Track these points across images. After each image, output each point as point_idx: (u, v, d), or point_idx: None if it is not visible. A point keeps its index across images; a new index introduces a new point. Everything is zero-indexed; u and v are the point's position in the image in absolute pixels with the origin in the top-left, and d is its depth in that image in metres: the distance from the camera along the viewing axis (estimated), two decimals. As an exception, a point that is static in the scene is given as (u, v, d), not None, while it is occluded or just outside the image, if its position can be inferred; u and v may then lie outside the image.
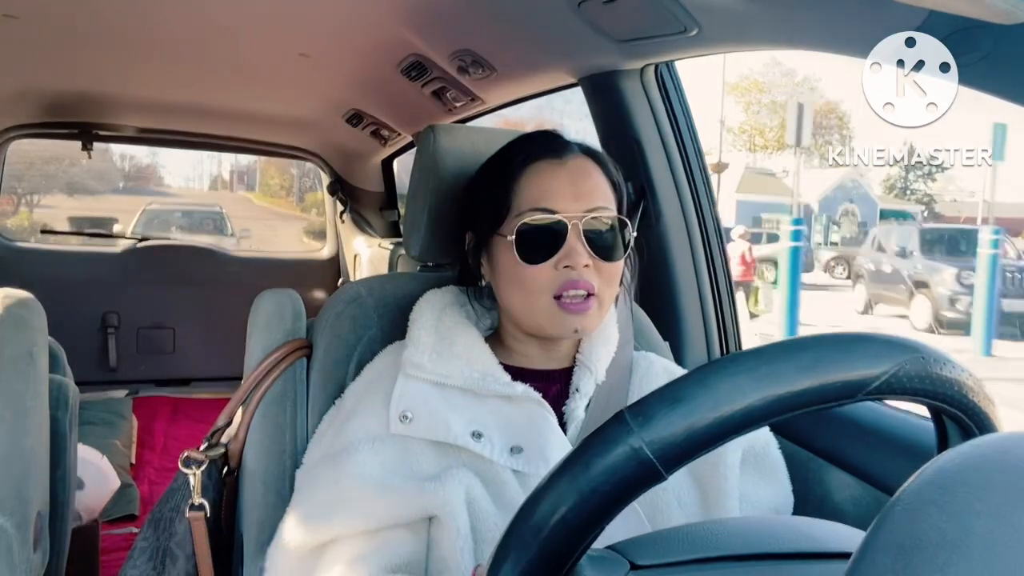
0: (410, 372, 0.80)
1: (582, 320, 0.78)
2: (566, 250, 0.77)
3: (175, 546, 0.89)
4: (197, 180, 10.89)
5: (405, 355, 0.81)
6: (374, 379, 0.84)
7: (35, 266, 2.73)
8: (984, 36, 0.68)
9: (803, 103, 8.68)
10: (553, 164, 0.81)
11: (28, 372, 0.93)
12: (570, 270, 0.77)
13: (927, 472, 0.33)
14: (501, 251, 0.80)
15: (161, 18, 1.56)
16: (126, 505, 2.11)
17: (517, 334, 0.84)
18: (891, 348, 0.43)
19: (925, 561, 0.29)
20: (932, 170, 8.44)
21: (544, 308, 0.78)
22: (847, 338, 0.43)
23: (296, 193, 11.42)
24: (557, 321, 0.78)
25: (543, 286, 0.77)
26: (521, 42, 1.36)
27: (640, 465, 0.39)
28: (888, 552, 0.30)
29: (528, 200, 0.79)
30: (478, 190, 0.86)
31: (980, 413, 0.46)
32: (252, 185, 12.28)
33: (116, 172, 9.17)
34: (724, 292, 1.28)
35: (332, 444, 0.80)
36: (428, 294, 0.89)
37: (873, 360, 0.42)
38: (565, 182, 0.79)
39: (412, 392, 0.79)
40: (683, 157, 1.27)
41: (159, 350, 2.92)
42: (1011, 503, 0.29)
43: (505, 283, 0.81)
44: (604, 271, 0.79)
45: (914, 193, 8.08)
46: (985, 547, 0.28)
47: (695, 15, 0.98)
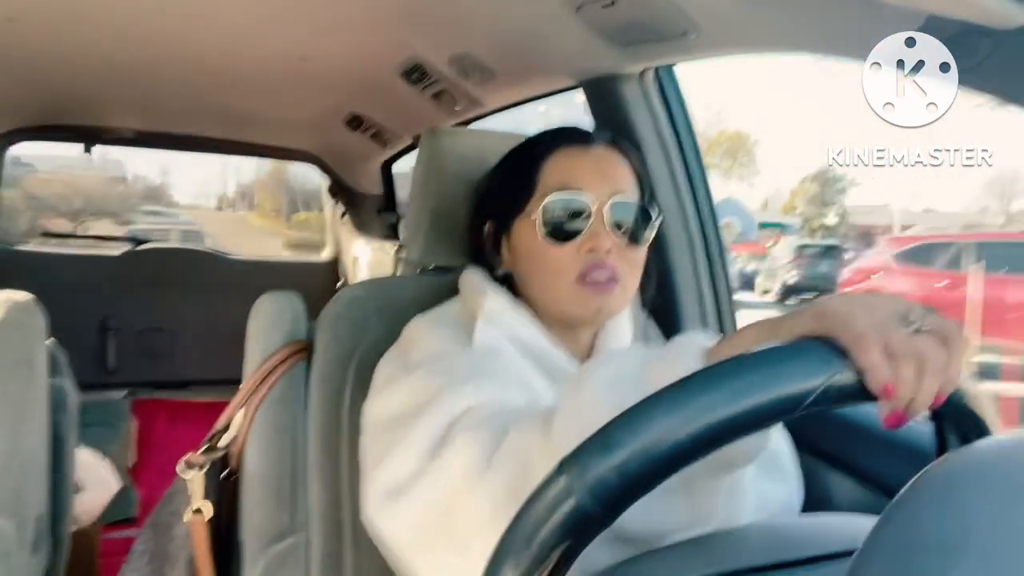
0: (489, 315, 0.78)
1: (605, 300, 0.77)
2: (590, 232, 0.77)
3: (175, 549, 0.89)
4: (204, 199, 11.25)
5: (486, 300, 0.79)
6: (440, 317, 0.82)
7: (35, 269, 2.72)
8: (983, 40, 0.68)
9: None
10: (579, 149, 0.81)
11: (28, 375, 0.93)
12: (594, 253, 0.76)
13: (927, 474, 0.33)
14: (524, 233, 0.80)
15: (163, 22, 1.56)
16: (125, 508, 2.11)
17: (539, 320, 0.83)
18: None
19: (925, 562, 0.29)
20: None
21: (567, 289, 0.77)
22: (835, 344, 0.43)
23: (284, 214, 11.93)
24: (580, 301, 0.77)
25: (566, 267, 0.77)
26: (521, 45, 1.36)
27: (579, 514, 0.38)
28: (888, 554, 0.30)
29: (554, 182, 0.79)
30: (500, 176, 0.86)
31: (978, 417, 0.46)
32: (252, 205, 12.66)
33: (131, 193, 9.33)
34: (723, 294, 1.29)
35: (434, 378, 0.71)
36: (471, 270, 0.87)
37: None
38: (591, 166, 0.80)
39: (493, 336, 0.77)
40: (683, 160, 1.27)
41: (159, 353, 2.91)
42: (1010, 505, 0.29)
43: (528, 266, 0.80)
44: (628, 256, 0.79)
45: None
46: (985, 548, 0.28)
47: (695, 18, 0.98)
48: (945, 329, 0.41)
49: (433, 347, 0.76)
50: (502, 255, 0.84)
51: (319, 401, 0.90)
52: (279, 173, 10.90)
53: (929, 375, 0.40)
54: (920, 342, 0.40)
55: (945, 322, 0.42)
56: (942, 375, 0.40)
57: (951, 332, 0.41)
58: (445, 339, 0.77)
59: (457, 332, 0.78)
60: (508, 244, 0.83)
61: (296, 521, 0.90)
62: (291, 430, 0.91)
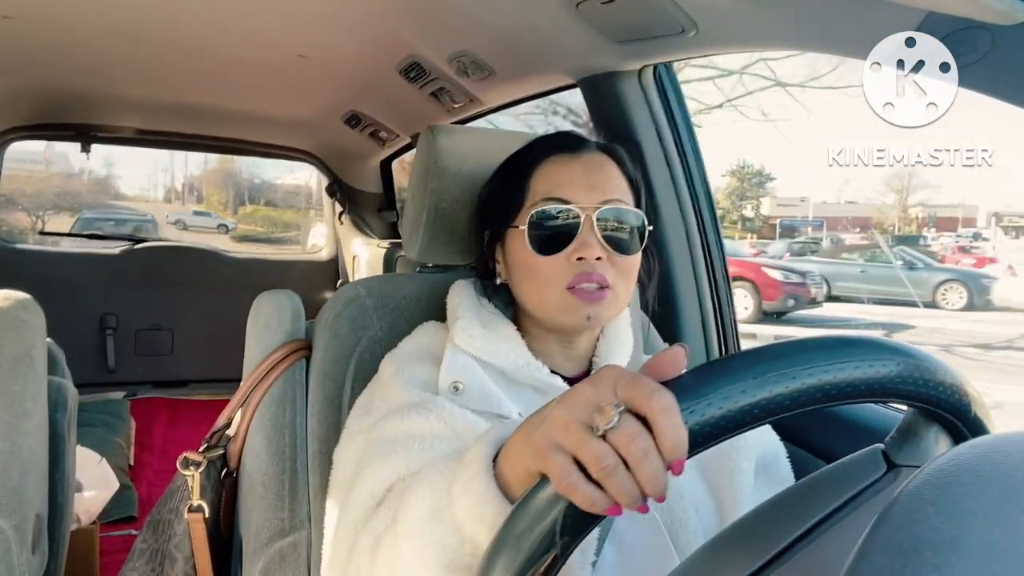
0: (459, 344, 0.79)
1: (595, 308, 0.76)
2: (579, 242, 0.76)
3: (174, 548, 0.89)
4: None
5: (456, 328, 0.81)
6: (416, 349, 0.83)
7: (34, 267, 2.72)
8: (982, 37, 0.68)
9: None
10: (568, 157, 0.80)
11: (27, 373, 0.93)
12: (583, 262, 0.76)
13: (924, 473, 0.33)
14: (515, 244, 0.80)
15: (160, 20, 1.55)
16: (125, 507, 2.11)
17: (535, 330, 0.83)
18: (884, 352, 0.43)
19: (923, 561, 0.29)
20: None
21: (556, 298, 0.77)
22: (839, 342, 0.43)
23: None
24: (570, 311, 0.76)
25: (555, 277, 0.76)
26: (520, 43, 1.36)
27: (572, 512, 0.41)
28: (886, 552, 0.30)
29: (541, 191, 0.79)
30: (494, 187, 0.86)
31: (973, 417, 0.46)
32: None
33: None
34: (723, 293, 1.29)
35: (388, 406, 0.77)
36: (460, 283, 0.88)
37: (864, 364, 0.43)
38: (579, 174, 0.79)
39: (461, 364, 0.78)
40: (681, 158, 1.27)
41: (158, 351, 2.91)
42: (1007, 503, 0.29)
43: (519, 276, 0.80)
44: (619, 264, 0.77)
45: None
46: (981, 547, 0.28)
47: (693, 16, 0.98)
48: (644, 407, 0.40)
49: (393, 398, 0.76)
50: (499, 264, 0.84)
51: (318, 399, 0.90)
52: (226, 167, 10.94)
53: (635, 468, 0.39)
54: (616, 437, 0.40)
55: (644, 399, 0.40)
56: (647, 462, 0.39)
57: (652, 407, 0.39)
58: (409, 386, 0.77)
59: (426, 368, 0.79)
60: (503, 253, 0.83)
61: (295, 519, 0.90)
62: (290, 428, 0.91)
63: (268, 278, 2.85)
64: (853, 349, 0.43)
